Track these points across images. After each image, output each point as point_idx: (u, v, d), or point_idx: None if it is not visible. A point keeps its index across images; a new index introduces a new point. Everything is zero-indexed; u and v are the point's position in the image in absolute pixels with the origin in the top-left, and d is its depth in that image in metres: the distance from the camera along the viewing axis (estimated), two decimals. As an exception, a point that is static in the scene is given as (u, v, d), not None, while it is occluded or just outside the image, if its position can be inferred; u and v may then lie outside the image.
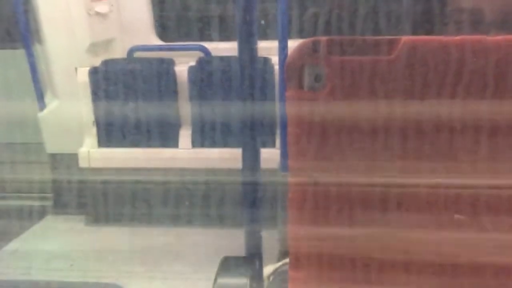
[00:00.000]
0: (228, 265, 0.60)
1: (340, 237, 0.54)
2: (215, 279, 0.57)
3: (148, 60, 1.59)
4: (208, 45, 1.65)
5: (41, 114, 1.63)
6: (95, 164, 1.54)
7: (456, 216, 0.50)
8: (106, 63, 1.56)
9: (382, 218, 0.54)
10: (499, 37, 0.50)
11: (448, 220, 0.51)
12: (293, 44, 0.66)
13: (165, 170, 1.51)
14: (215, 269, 0.58)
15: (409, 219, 0.53)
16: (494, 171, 0.50)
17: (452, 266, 0.52)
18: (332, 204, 0.54)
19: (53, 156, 1.64)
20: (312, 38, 0.51)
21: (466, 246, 0.52)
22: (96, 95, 1.54)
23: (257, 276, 0.60)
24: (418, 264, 0.53)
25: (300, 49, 0.51)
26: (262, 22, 1.39)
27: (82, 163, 1.54)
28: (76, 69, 1.56)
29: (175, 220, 1.52)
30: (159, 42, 1.75)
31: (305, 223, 0.54)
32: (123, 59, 1.66)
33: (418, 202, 0.53)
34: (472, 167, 0.51)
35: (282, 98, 1.13)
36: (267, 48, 1.33)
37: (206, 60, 1.59)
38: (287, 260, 0.56)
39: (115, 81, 1.53)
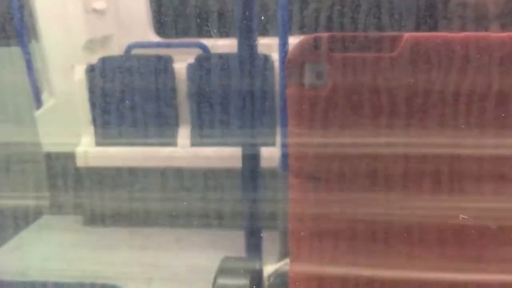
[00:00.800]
0: (228, 265, 0.59)
1: (341, 237, 0.53)
2: (215, 280, 0.56)
3: (146, 58, 1.57)
4: (207, 42, 1.64)
5: (37, 113, 1.62)
6: (92, 163, 1.52)
7: (461, 216, 0.50)
8: (103, 60, 1.55)
9: (386, 218, 0.53)
10: (504, 34, 0.49)
11: (450, 221, 0.51)
12: (293, 40, 0.65)
13: (164, 169, 1.50)
14: (214, 269, 0.57)
15: (411, 220, 0.52)
16: (500, 169, 0.49)
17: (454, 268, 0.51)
18: (333, 203, 0.53)
19: (50, 155, 1.62)
20: (313, 35, 0.50)
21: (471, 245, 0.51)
22: (93, 93, 1.52)
23: (257, 276, 0.59)
24: (423, 267, 0.52)
25: (301, 46, 0.50)
26: (262, 18, 1.37)
27: (80, 162, 1.53)
28: (72, 66, 1.54)
29: (174, 220, 1.51)
30: (157, 38, 1.73)
31: (306, 223, 0.54)
32: (121, 56, 1.64)
33: (420, 202, 0.52)
34: (478, 165, 0.50)
35: (283, 96, 1.12)
36: (267, 45, 1.33)
37: (205, 57, 1.57)
38: (287, 260, 0.55)
39: (112, 79, 1.52)
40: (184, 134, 1.54)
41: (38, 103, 1.63)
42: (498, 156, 0.49)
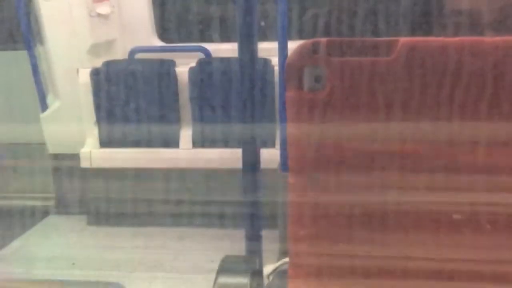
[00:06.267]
0: (228, 264, 0.60)
1: (339, 236, 0.54)
2: (216, 278, 0.57)
3: (149, 61, 1.59)
4: (208, 46, 1.65)
5: (43, 115, 1.64)
6: (96, 164, 1.54)
7: (455, 216, 0.51)
8: (107, 64, 1.56)
9: (382, 217, 0.54)
10: (497, 38, 0.50)
11: (447, 223, 0.51)
12: (293, 45, 0.67)
13: (166, 170, 1.52)
14: (215, 268, 0.58)
15: (408, 222, 0.53)
16: (493, 172, 0.50)
17: (451, 270, 0.52)
18: (331, 204, 0.54)
19: (55, 156, 1.64)
20: (312, 40, 0.52)
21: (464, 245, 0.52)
22: (97, 96, 1.54)
23: (257, 275, 0.60)
24: (418, 264, 0.53)
25: (300, 50, 0.52)
26: (262, 23, 1.39)
27: (84, 163, 1.54)
28: (77, 70, 1.56)
29: (176, 219, 1.52)
30: (160, 43, 1.75)
31: (305, 223, 0.55)
32: (124, 60, 1.66)
33: (418, 201, 0.53)
34: (472, 169, 0.51)
35: (282, 99, 1.14)
36: (267, 49, 1.34)
37: (207, 61, 1.59)
38: (287, 259, 0.57)
39: (116, 82, 1.54)
40: (186, 136, 1.55)
41: (44, 105, 1.65)
42: (491, 158, 0.50)
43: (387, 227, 0.54)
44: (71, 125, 1.57)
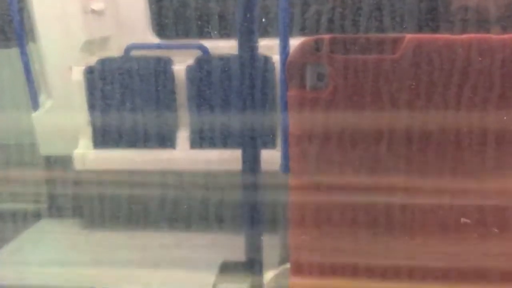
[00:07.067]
0: (227, 270, 0.58)
1: (342, 241, 0.53)
2: (214, 285, 0.55)
3: (145, 59, 1.57)
4: (207, 43, 1.63)
5: (35, 115, 1.60)
6: (90, 166, 1.51)
7: (463, 219, 0.49)
8: (101, 61, 1.54)
9: (385, 222, 0.53)
10: (505, 36, 0.49)
11: (452, 223, 0.50)
12: (294, 42, 0.65)
13: (163, 172, 1.49)
14: (214, 274, 0.56)
15: (412, 224, 0.52)
16: (500, 170, 0.49)
17: (456, 271, 0.51)
18: (334, 207, 0.53)
19: (48, 157, 1.61)
20: (314, 37, 0.50)
21: (472, 250, 0.51)
22: (91, 94, 1.51)
23: (257, 281, 0.58)
24: (421, 270, 0.51)
25: (302, 48, 0.50)
26: (263, 19, 1.37)
27: (77, 165, 1.51)
28: (70, 68, 1.53)
29: (173, 223, 1.49)
30: (156, 40, 1.72)
31: (306, 227, 0.53)
32: (120, 58, 1.63)
33: (421, 206, 0.51)
34: (479, 167, 0.50)
35: (284, 98, 1.12)
36: (268, 46, 1.32)
37: (205, 59, 1.56)
38: (287, 265, 0.55)
39: (111, 81, 1.51)
40: (183, 136, 1.52)
41: (35, 104, 1.61)
42: (499, 155, 0.48)
43: (392, 231, 0.52)
44: (64, 125, 1.54)
